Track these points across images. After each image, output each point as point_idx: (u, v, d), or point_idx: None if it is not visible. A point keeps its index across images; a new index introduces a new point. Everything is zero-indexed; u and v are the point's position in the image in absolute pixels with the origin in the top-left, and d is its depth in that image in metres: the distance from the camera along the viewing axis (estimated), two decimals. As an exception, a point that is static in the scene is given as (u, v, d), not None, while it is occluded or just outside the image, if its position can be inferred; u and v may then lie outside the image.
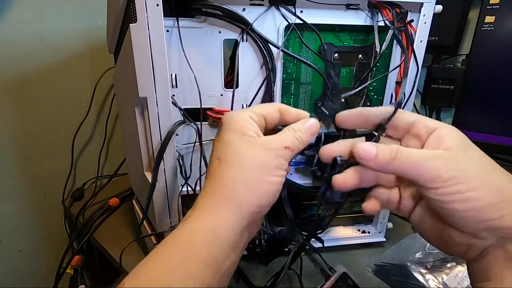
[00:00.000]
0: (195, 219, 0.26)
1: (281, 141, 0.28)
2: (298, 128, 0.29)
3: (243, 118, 0.28)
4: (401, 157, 0.24)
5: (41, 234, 0.83)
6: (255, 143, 0.27)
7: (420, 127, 0.27)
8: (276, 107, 0.30)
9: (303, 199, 0.50)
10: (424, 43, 0.43)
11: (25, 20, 0.68)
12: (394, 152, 0.25)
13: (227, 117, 0.29)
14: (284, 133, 0.29)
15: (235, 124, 0.28)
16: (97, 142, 0.85)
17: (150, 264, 0.24)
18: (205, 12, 0.37)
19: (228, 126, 0.28)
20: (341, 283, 0.42)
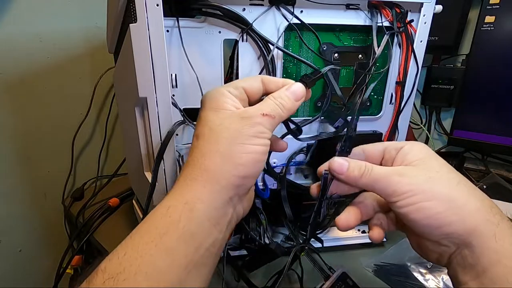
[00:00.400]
0: (172, 196, 0.26)
1: (259, 109, 0.27)
2: (279, 95, 0.29)
3: (220, 92, 0.28)
4: (367, 174, 0.27)
5: (41, 234, 0.83)
6: (231, 115, 0.27)
7: (390, 150, 0.29)
8: (258, 78, 0.30)
9: (303, 199, 0.50)
10: (424, 43, 0.43)
11: (25, 20, 0.68)
12: (363, 169, 0.27)
13: (205, 95, 0.28)
14: (264, 101, 0.28)
15: (212, 100, 0.27)
16: (97, 142, 0.85)
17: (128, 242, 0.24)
18: (205, 12, 0.37)
19: (206, 104, 0.28)
20: (340, 283, 0.42)
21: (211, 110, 0.27)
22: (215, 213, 0.25)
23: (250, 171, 0.26)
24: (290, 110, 0.29)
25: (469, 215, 0.24)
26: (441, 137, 0.88)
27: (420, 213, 0.25)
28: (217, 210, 0.25)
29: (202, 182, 0.25)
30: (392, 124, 0.46)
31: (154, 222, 0.24)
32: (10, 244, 0.79)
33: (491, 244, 0.24)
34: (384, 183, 0.26)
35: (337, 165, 0.28)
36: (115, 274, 0.21)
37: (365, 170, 0.27)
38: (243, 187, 0.27)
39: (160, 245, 0.23)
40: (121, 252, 0.23)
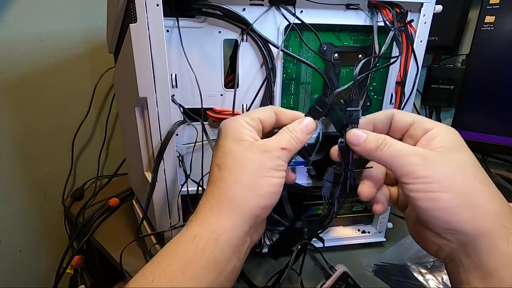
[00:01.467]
0: (197, 224, 0.27)
1: (278, 142, 0.29)
2: (294, 128, 0.30)
3: (239, 123, 0.29)
4: (384, 147, 0.26)
5: (41, 234, 0.83)
6: (252, 146, 0.28)
7: (417, 127, 0.28)
8: (271, 109, 0.31)
9: (303, 199, 0.50)
10: (424, 43, 0.43)
11: (25, 20, 0.68)
12: (380, 141, 0.27)
13: (224, 124, 0.30)
14: (280, 134, 0.30)
15: (232, 130, 0.29)
16: (97, 142, 0.85)
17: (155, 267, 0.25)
18: (205, 12, 0.37)
19: (225, 133, 0.29)
20: (341, 282, 0.42)
21: (233, 141, 0.28)
22: (237, 241, 0.27)
23: (269, 202, 0.28)
24: (302, 142, 0.30)
25: (483, 216, 0.23)
26: (441, 137, 0.87)
27: (431, 203, 0.24)
28: (239, 239, 0.27)
29: (228, 213, 0.26)
30: (392, 124, 0.46)
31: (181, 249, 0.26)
32: (10, 244, 0.79)
33: (502, 249, 0.23)
34: (400, 162, 0.25)
35: (353, 136, 0.28)
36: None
37: (382, 143, 0.26)
38: (261, 217, 0.28)
39: (187, 273, 0.24)
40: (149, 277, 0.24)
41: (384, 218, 0.54)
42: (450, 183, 0.24)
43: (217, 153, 0.29)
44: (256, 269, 0.50)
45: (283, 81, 0.43)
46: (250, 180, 0.27)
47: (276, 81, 0.41)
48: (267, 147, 0.28)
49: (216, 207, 0.27)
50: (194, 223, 0.27)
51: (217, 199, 0.27)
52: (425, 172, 0.24)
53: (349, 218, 0.55)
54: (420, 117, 0.28)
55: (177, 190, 0.43)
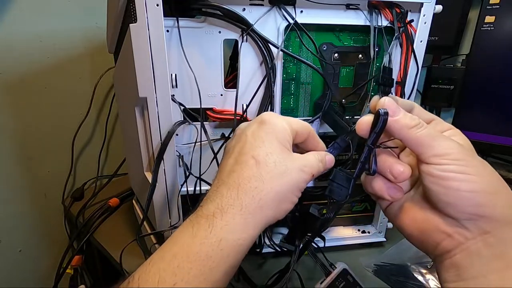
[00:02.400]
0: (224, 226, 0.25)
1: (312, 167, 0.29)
2: (324, 159, 0.31)
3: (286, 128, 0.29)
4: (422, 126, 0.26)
5: (41, 234, 0.83)
6: (293, 160, 0.28)
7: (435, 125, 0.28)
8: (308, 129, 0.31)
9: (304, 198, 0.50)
10: (424, 43, 0.43)
11: (25, 20, 0.68)
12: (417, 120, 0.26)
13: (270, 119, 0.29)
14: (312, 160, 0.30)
15: (279, 130, 0.28)
16: (97, 142, 0.85)
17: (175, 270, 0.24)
18: (205, 12, 0.37)
19: (270, 130, 0.28)
20: (341, 279, 0.42)
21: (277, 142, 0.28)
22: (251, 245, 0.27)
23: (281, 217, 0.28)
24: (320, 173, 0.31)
25: None
26: (441, 137, 0.88)
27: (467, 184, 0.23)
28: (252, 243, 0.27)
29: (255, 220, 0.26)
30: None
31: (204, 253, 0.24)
32: (10, 244, 0.79)
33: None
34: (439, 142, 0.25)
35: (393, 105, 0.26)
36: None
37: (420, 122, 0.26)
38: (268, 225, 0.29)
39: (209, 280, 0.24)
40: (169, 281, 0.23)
41: (384, 218, 0.53)
42: (484, 172, 0.24)
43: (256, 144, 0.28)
44: (256, 269, 0.50)
45: (283, 81, 0.43)
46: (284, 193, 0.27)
47: (276, 81, 0.41)
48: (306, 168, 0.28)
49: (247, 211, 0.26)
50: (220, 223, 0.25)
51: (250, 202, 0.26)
52: (463, 156, 0.24)
53: (349, 218, 0.55)
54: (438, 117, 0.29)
55: (177, 190, 0.43)
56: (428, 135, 0.25)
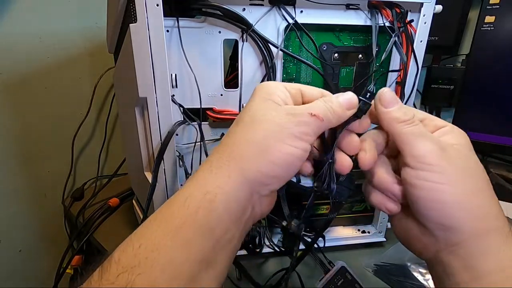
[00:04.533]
0: (193, 183, 0.24)
1: (308, 107, 0.25)
2: (331, 99, 0.26)
3: (275, 85, 0.26)
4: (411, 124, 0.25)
5: (41, 234, 0.83)
6: (277, 107, 0.24)
7: (427, 124, 0.26)
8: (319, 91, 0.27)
9: (302, 199, 0.50)
10: (424, 43, 0.43)
11: (25, 20, 0.68)
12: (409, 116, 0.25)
13: (259, 85, 0.26)
14: (314, 102, 0.26)
15: (263, 89, 0.26)
16: (97, 142, 0.85)
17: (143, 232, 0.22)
18: (205, 12, 0.37)
19: (256, 93, 0.26)
20: (339, 277, 0.42)
21: (260, 98, 0.25)
22: (236, 207, 0.23)
23: (280, 173, 0.24)
24: (340, 118, 0.26)
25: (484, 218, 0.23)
26: (441, 137, 0.88)
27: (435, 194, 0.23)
28: (237, 204, 0.23)
29: (228, 171, 0.23)
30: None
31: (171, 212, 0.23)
32: (10, 244, 0.79)
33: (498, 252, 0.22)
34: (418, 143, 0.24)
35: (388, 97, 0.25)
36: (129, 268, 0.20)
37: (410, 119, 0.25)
38: (267, 187, 0.25)
39: (177, 238, 0.21)
40: (136, 243, 0.21)
41: (384, 218, 0.54)
42: (460, 179, 0.23)
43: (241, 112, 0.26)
44: (256, 269, 0.50)
45: (283, 81, 0.43)
46: (264, 141, 0.23)
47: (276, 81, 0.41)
48: (294, 110, 0.24)
49: (216, 165, 0.23)
50: (189, 182, 0.24)
51: (220, 156, 0.24)
52: (438, 161, 0.23)
53: (349, 218, 0.55)
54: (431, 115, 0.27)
55: (177, 190, 0.43)
56: (412, 133, 0.24)
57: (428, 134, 0.25)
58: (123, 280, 0.20)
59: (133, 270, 0.20)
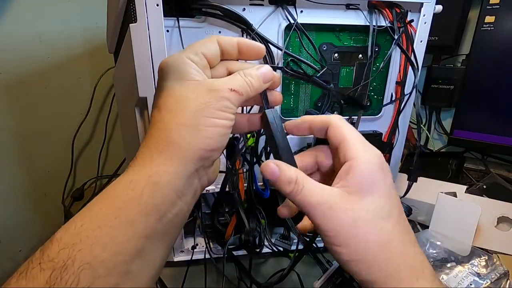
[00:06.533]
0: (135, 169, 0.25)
1: (227, 83, 0.26)
2: (249, 72, 0.28)
3: (182, 60, 0.26)
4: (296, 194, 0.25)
5: (41, 234, 0.83)
6: (197, 86, 0.26)
7: (341, 150, 0.27)
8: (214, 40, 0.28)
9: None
10: (424, 43, 0.43)
11: (25, 20, 0.68)
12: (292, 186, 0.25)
13: (164, 63, 0.26)
14: (233, 76, 0.28)
15: (174, 69, 0.26)
16: (97, 142, 0.85)
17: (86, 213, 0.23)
18: (205, 12, 0.37)
19: (168, 74, 0.26)
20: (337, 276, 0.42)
21: (175, 80, 0.26)
22: (181, 184, 0.25)
23: (215, 144, 0.26)
24: (257, 90, 0.28)
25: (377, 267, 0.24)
26: (441, 137, 0.88)
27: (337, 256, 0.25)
28: (182, 181, 0.25)
29: (168, 155, 0.24)
30: (392, 124, 0.46)
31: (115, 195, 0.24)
32: (10, 244, 0.79)
33: None
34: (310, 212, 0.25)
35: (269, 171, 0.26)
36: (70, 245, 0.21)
37: (294, 187, 0.25)
38: (208, 160, 0.26)
39: (121, 218, 0.22)
40: (78, 223, 0.22)
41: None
42: (350, 236, 0.24)
43: (158, 95, 0.26)
44: (256, 269, 0.50)
45: (283, 81, 0.43)
46: (193, 121, 0.25)
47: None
48: (214, 87, 0.26)
49: (155, 150, 0.25)
50: (132, 168, 0.25)
51: (156, 142, 0.25)
52: (330, 225, 0.24)
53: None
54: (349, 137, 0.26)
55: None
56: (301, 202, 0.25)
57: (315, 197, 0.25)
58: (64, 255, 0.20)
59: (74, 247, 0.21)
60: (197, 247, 0.49)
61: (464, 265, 0.46)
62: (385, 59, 0.43)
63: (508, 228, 0.52)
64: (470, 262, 0.47)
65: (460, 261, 0.47)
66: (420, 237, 0.52)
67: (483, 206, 0.49)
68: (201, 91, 0.25)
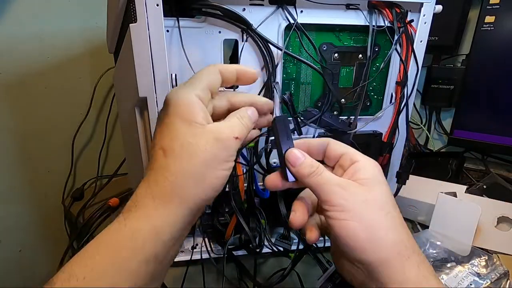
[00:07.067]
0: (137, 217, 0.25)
1: (232, 131, 0.27)
2: (244, 115, 0.29)
3: (192, 100, 0.26)
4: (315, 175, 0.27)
5: (41, 234, 0.83)
6: (204, 132, 0.26)
7: (345, 158, 0.29)
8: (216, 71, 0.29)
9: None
10: (424, 43, 0.43)
11: (25, 20, 0.68)
12: (314, 169, 0.28)
13: (173, 98, 0.26)
14: (232, 120, 0.28)
15: (184, 108, 0.26)
16: (97, 142, 0.85)
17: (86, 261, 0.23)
18: (205, 12, 0.37)
19: (175, 111, 0.26)
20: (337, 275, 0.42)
21: (182, 121, 0.26)
22: (180, 232, 0.26)
23: (215, 194, 0.27)
24: (249, 131, 0.29)
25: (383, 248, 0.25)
26: (441, 137, 0.88)
27: (342, 230, 0.25)
28: (181, 230, 0.26)
29: (172, 206, 0.25)
30: (392, 124, 0.46)
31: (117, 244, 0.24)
32: (10, 244, 0.79)
33: (398, 277, 0.25)
34: (324, 189, 0.27)
35: (293, 157, 0.28)
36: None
37: (315, 171, 0.27)
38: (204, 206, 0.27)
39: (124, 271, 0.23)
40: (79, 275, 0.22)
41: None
42: (359, 213, 0.25)
43: (163, 133, 0.26)
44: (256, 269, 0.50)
45: (283, 81, 0.43)
46: (200, 172, 0.25)
47: (276, 81, 0.41)
48: (221, 135, 0.26)
49: (159, 199, 0.25)
50: (134, 215, 0.25)
51: (161, 191, 0.25)
52: (340, 201, 0.26)
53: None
54: (350, 149, 0.30)
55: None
56: (316, 182, 0.27)
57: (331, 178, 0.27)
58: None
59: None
60: (197, 247, 0.49)
61: (464, 265, 0.46)
62: (385, 59, 0.43)
63: (508, 228, 0.52)
64: (470, 262, 0.47)
65: (460, 261, 0.47)
66: (420, 237, 0.52)
67: (483, 206, 0.49)
68: (209, 140, 0.26)
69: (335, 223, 0.26)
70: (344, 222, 0.25)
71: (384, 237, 0.25)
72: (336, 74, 0.44)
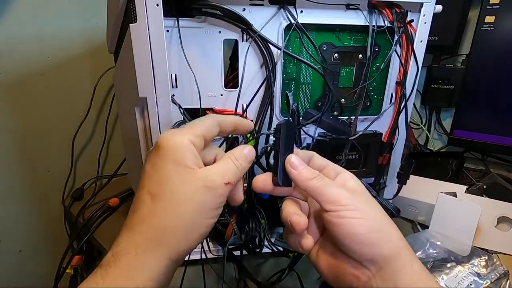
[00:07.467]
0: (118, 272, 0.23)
1: (223, 176, 0.26)
2: (239, 155, 0.28)
3: (184, 145, 0.25)
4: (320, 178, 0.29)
5: (41, 234, 0.83)
6: (194, 178, 0.25)
7: (329, 170, 0.31)
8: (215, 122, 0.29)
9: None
10: (424, 43, 0.43)
11: (25, 20, 0.68)
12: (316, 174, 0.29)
13: (165, 141, 0.25)
14: (225, 163, 0.28)
15: (175, 152, 0.25)
16: (97, 142, 0.85)
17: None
18: (205, 12, 0.37)
19: (166, 154, 0.25)
20: None
21: (172, 165, 0.25)
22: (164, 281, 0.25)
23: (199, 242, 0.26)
24: (245, 171, 0.29)
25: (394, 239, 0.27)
26: (441, 137, 0.88)
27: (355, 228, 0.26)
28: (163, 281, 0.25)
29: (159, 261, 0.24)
30: (392, 124, 0.46)
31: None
32: (10, 244, 0.79)
33: (408, 268, 0.26)
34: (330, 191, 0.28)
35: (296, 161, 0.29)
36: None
37: (318, 175, 0.29)
38: None
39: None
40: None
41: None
42: (368, 212, 0.27)
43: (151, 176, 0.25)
44: (256, 269, 0.50)
45: (283, 81, 0.43)
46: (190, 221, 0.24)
47: (276, 81, 0.41)
48: (211, 183, 0.25)
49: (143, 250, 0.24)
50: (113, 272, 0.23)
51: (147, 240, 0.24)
52: (350, 201, 0.27)
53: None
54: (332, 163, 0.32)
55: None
56: (323, 185, 0.28)
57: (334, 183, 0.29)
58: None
59: None
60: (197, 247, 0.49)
61: (464, 265, 0.46)
62: (385, 59, 0.43)
63: (508, 228, 0.52)
64: (470, 262, 0.47)
65: (460, 261, 0.47)
66: (420, 237, 0.52)
67: (483, 206, 0.49)
68: (197, 187, 0.25)
69: (346, 222, 0.26)
70: (355, 220, 0.26)
71: (391, 232, 0.27)
72: (336, 74, 0.44)
